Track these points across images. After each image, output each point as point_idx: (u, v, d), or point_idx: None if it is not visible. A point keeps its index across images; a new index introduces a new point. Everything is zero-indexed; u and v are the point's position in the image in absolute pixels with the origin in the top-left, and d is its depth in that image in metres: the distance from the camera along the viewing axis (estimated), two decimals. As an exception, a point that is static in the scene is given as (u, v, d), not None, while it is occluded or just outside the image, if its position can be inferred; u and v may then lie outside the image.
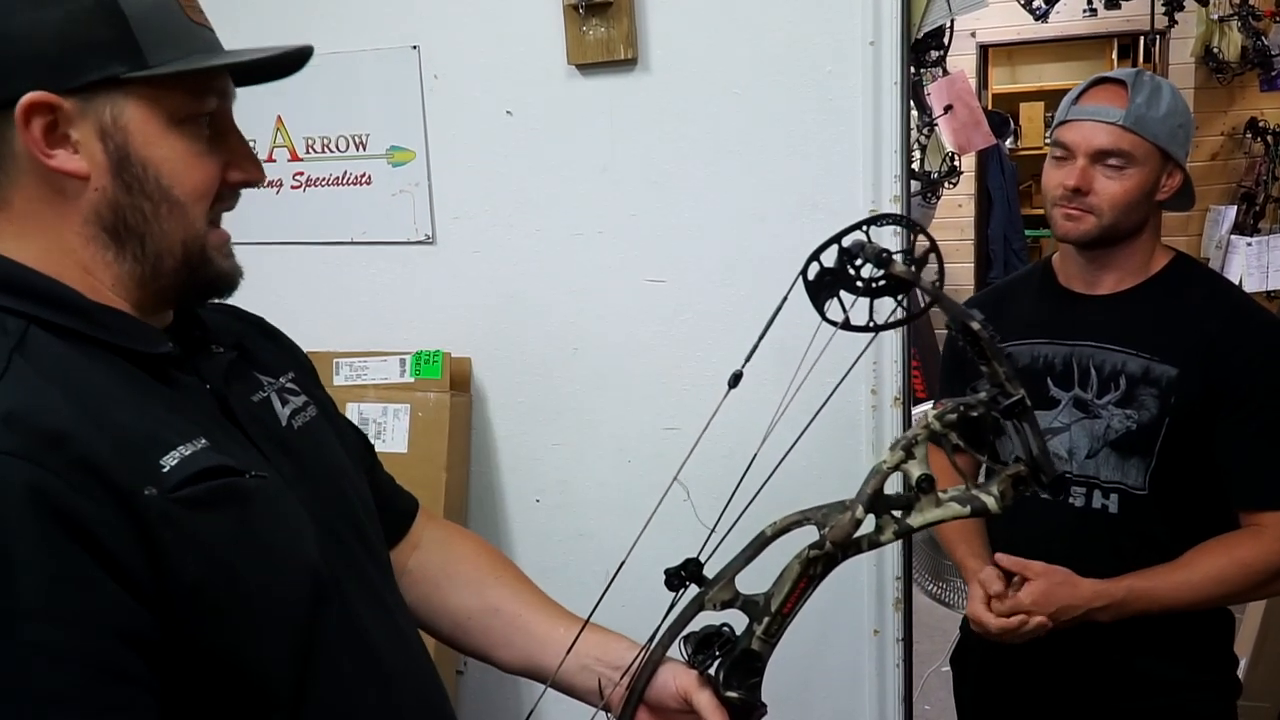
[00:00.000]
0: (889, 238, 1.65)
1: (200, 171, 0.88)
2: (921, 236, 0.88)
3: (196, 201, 0.88)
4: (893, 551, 2.00)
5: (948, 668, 2.02)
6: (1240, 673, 1.95)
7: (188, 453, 0.81)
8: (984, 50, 6.21)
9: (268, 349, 1.07)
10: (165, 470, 0.79)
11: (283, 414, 0.99)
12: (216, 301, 1.04)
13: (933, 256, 0.88)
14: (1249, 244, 5.13)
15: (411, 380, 2.18)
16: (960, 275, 6.05)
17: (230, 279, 0.94)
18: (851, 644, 2.06)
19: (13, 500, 0.71)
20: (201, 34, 0.89)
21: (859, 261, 0.86)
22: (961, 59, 5.70)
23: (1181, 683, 1.66)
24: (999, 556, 1.63)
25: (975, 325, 0.85)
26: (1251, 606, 3.18)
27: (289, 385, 1.03)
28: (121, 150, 0.84)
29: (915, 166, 4.15)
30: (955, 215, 6.03)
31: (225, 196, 0.93)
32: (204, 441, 0.83)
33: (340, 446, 1.07)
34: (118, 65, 0.82)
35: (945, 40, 3.83)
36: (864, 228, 0.87)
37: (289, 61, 0.93)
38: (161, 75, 0.83)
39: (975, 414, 0.87)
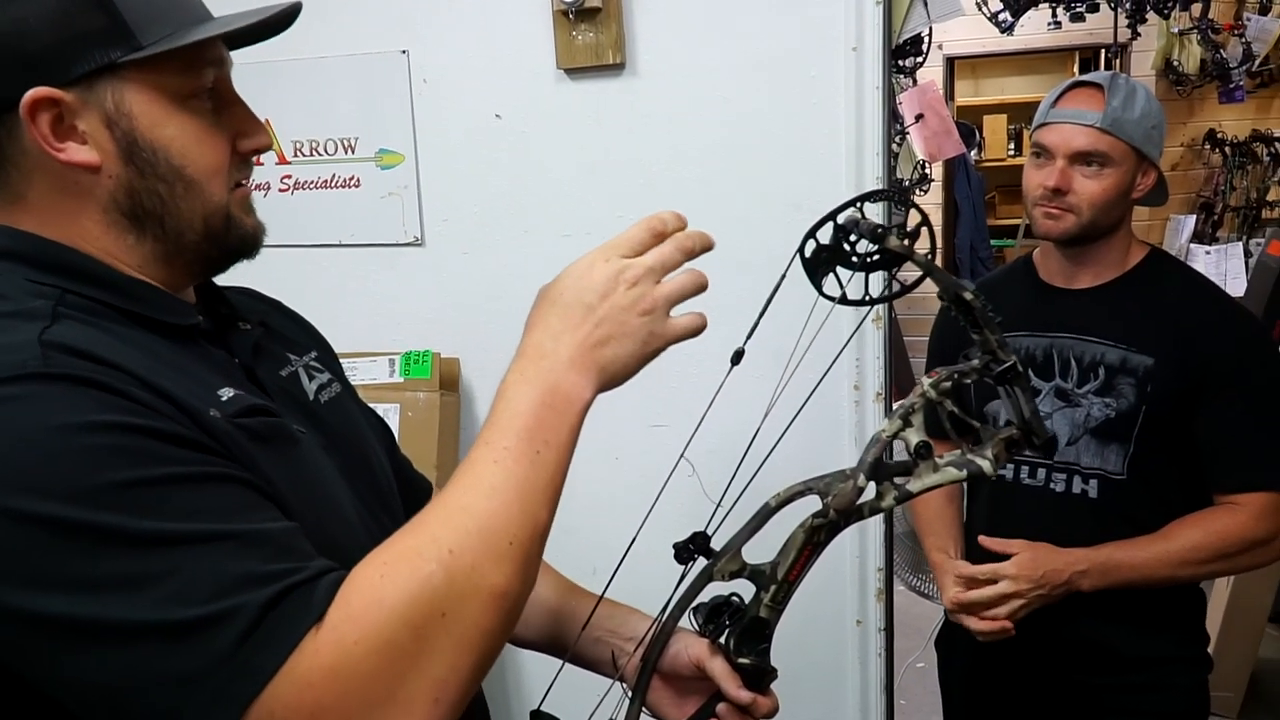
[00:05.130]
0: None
1: (211, 147, 0.88)
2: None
3: (212, 177, 0.88)
4: (875, 544, 2.05)
5: (923, 664, 2.07)
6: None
7: (236, 393, 0.84)
8: (950, 62, 6.31)
9: (290, 328, 1.10)
10: (224, 399, 0.82)
11: (309, 388, 1.01)
12: (238, 286, 1.06)
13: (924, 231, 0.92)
14: (1207, 252, 5.26)
15: (401, 380, 2.20)
16: (927, 283, 6.12)
17: (255, 237, 0.94)
18: (835, 634, 2.10)
19: (72, 388, 0.72)
20: (186, 3, 0.88)
21: (854, 237, 0.89)
22: (928, 70, 5.79)
23: (1159, 658, 1.72)
24: (982, 539, 1.69)
25: (968, 295, 0.89)
26: (1215, 598, 3.27)
27: (313, 363, 1.05)
28: (129, 136, 0.84)
29: (887, 174, 4.21)
30: (923, 224, 6.10)
31: (241, 166, 0.92)
32: (244, 393, 0.86)
33: (364, 424, 1.10)
34: (112, 51, 0.82)
35: (924, 48, 3.90)
36: (858, 204, 0.90)
37: (278, 20, 0.92)
38: (157, 55, 0.82)
39: (969, 380, 0.91)
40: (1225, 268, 5.13)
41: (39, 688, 0.71)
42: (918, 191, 4.76)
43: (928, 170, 4.87)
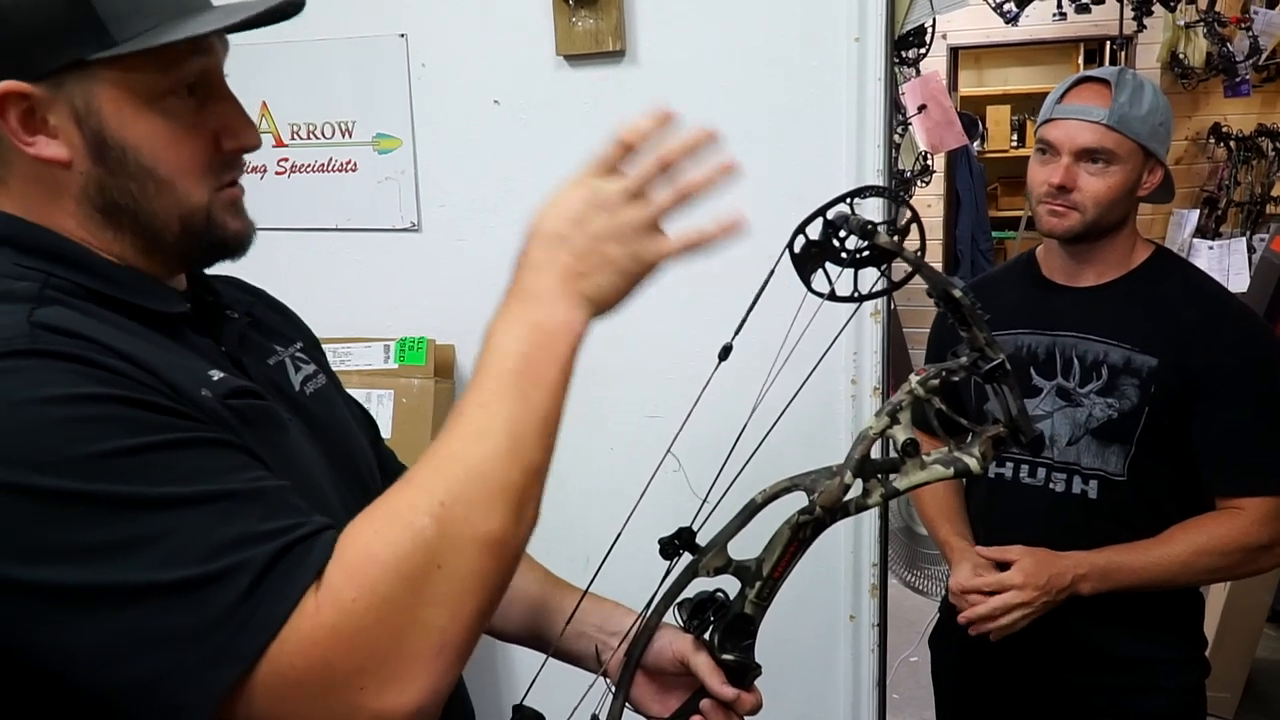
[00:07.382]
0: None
1: (186, 147, 0.85)
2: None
3: (186, 177, 0.86)
4: (870, 539, 2.05)
5: (916, 658, 2.07)
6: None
7: (225, 375, 0.84)
8: (954, 52, 6.28)
9: (275, 319, 1.09)
10: (214, 379, 0.82)
11: (295, 379, 1.01)
12: (222, 274, 1.05)
13: (914, 228, 0.92)
14: (1211, 247, 5.24)
15: (395, 367, 2.19)
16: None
17: (241, 238, 0.92)
18: (827, 629, 2.10)
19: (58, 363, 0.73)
20: None
21: (843, 233, 0.89)
22: (932, 60, 5.77)
23: (1154, 659, 1.71)
24: (980, 549, 1.67)
25: (956, 293, 0.89)
26: (1212, 598, 3.26)
27: (299, 354, 1.05)
28: (98, 134, 0.82)
29: (889, 165, 4.20)
30: (924, 215, 6.01)
31: (227, 164, 0.90)
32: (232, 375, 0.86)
33: (348, 415, 1.09)
34: (84, 47, 0.79)
35: (927, 39, 3.87)
36: (848, 200, 0.89)
37: (281, 9, 0.86)
38: (130, 53, 0.80)
39: (957, 378, 0.90)
40: (1228, 264, 5.11)
41: (27, 661, 0.71)
42: (919, 183, 4.75)
43: (929, 161, 4.85)
